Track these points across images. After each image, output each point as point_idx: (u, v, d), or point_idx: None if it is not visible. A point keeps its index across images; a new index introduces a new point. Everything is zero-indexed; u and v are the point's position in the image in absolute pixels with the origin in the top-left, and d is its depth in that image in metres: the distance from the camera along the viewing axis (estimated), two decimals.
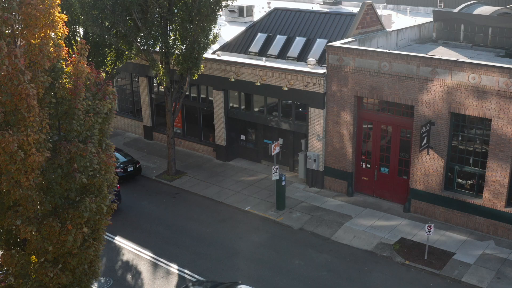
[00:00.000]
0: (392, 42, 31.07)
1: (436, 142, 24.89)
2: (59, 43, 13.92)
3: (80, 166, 13.34)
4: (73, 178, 13.28)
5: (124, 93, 38.33)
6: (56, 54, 13.36)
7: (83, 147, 13.24)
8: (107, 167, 14.11)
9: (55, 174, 13.31)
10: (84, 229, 13.75)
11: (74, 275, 14.42)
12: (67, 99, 13.37)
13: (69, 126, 13.40)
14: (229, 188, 29.86)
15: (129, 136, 37.98)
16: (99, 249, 14.71)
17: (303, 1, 50.76)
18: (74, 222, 13.59)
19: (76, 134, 13.53)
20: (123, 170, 30.54)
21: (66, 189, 13.54)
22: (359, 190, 28.54)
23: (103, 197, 14.09)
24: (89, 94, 14.09)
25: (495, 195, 23.90)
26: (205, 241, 24.95)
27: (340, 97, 27.22)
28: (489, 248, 23.56)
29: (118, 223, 26.63)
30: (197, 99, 33.72)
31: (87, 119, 13.63)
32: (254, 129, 32.41)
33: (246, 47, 32.86)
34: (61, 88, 13.32)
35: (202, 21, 27.42)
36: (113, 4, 26.28)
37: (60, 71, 13.50)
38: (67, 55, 14.09)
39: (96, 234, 14.61)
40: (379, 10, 41.80)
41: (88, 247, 14.19)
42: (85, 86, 13.93)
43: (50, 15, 12.89)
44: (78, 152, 13.14)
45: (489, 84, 22.85)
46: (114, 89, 15.00)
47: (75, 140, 13.27)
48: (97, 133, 14.05)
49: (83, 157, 13.29)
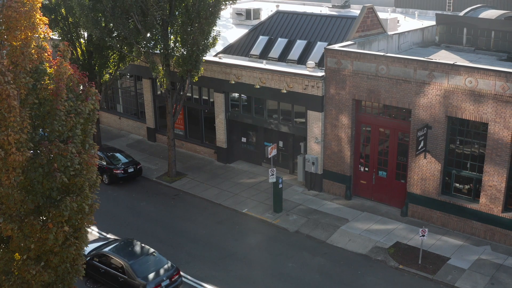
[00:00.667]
0: (393, 46, 30.96)
1: (433, 146, 24.75)
2: (42, 45, 14.12)
3: (61, 166, 13.51)
4: (54, 178, 13.45)
5: (129, 95, 38.62)
6: (37, 56, 13.54)
7: (64, 147, 13.41)
8: (89, 167, 14.26)
9: (36, 173, 13.48)
10: (65, 227, 13.92)
11: (56, 273, 14.58)
12: (49, 100, 13.55)
13: (50, 126, 13.57)
14: (228, 190, 29.94)
15: (133, 137, 38.23)
16: (82, 248, 14.86)
17: (312, 4, 50.81)
18: (55, 221, 13.77)
19: (58, 134, 13.70)
20: (124, 171, 30.78)
21: (47, 188, 13.71)
22: (358, 193, 28.45)
23: (84, 197, 14.24)
24: (72, 95, 14.25)
25: (492, 200, 23.69)
26: (200, 242, 25.04)
27: (339, 100, 27.19)
28: (485, 253, 23.35)
29: (115, 223, 26.91)
30: (199, 101, 33.87)
31: (69, 120, 13.80)
32: (254, 132, 32.47)
33: (248, 50, 32.95)
34: (43, 89, 13.50)
35: (201, 24, 27.54)
36: (112, 6, 26.53)
37: (42, 72, 13.69)
38: (50, 57, 14.27)
39: (79, 233, 14.76)
40: (386, 13, 41.74)
41: (69, 246, 14.35)
42: (68, 87, 14.10)
43: (31, 18, 13.11)
44: (58, 152, 13.31)
45: (485, 88, 22.68)
46: (96, 90, 15.08)
47: (55, 140, 13.44)
48: (79, 133, 14.22)
49: (64, 157, 13.45)
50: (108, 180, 30.98)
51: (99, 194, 29.53)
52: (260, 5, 50.08)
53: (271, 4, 50.86)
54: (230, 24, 43.62)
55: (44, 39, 14.18)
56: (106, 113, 40.20)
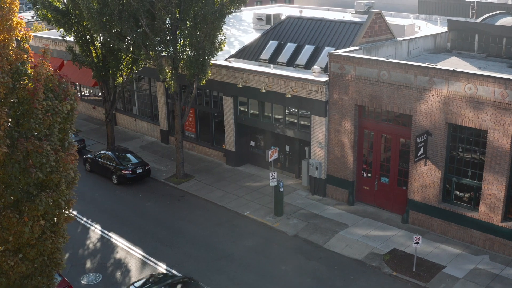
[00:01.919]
0: (402, 52, 30.76)
1: (433, 153, 24.51)
2: (25, 46, 14.68)
3: (37, 162, 13.98)
4: (30, 173, 13.94)
5: (144, 97, 39.31)
6: (15, 57, 14.07)
7: (39, 144, 13.88)
8: (65, 165, 14.71)
9: (13, 168, 13.99)
10: (41, 221, 14.39)
11: (34, 265, 15.06)
12: (27, 99, 14.06)
13: (27, 124, 14.08)
14: (233, 193, 30.18)
15: (147, 139, 38.89)
16: (58, 242, 15.30)
17: (337, 10, 50.88)
18: (30, 215, 14.25)
19: (35, 132, 14.19)
20: (132, 172, 31.35)
21: (25, 183, 14.21)
22: (360, 199, 28.33)
23: (60, 193, 14.68)
24: (52, 95, 14.74)
25: (491, 208, 23.31)
26: (198, 243, 25.34)
27: (342, 105, 27.17)
28: (482, 263, 22.96)
29: (118, 222, 27.47)
30: (209, 104, 34.27)
31: (46, 118, 14.27)
32: (262, 136, 32.66)
33: (258, 54, 33.22)
34: (21, 89, 14.02)
35: (208, 29, 27.92)
36: (119, 10, 27.15)
37: (22, 73, 14.22)
38: (32, 58, 14.81)
39: (56, 227, 15.22)
40: (404, 19, 41.49)
41: (45, 239, 14.82)
42: (47, 87, 14.59)
43: (8, 20, 13.66)
44: (34, 149, 13.79)
45: (485, 94, 22.38)
46: (75, 90, 15.55)
47: (31, 138, 13.93)
48: (57, 132, 14.67)
49: (39, 154, 13.92)
50: (117, 181, 31.59)
51: (107, 194, 30.70)
52: (284, 10, 50.41)
53: (295, 9, 51.16)
54: (251, 29, 44.08)
55: (26, 41, 14.71)
56: (122, 114, 41.02)
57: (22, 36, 14.74)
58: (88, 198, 30.20)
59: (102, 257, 24.55)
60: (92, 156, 33.27)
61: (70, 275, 22.68)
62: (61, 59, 42.36)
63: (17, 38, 14.60)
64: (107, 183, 32.02)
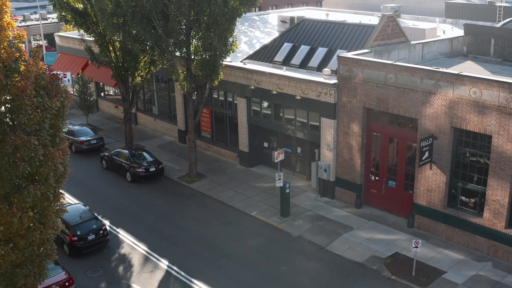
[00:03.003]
0: (416, 55, 30.51)
1: (438, 157, 24.29)
2: (18, 46, 15.32)
3: (25, 156, 14.57)
4: (18, 166, 14.52)
5: (162, 98, 39.99)
6: (7, 56, 14.68)
7: (27, 138, 14.45)
8: (53, 159, 15.25)
9: (3, 161, 14.60)
10: (29, 213, 14.97)
11: (24, 254, 15.66)
12: (18, 95, 14.66)
13: (17, 119, 14.68)
14: (243, 193, 30.47)
15: (165, 139, 39.54)
16: (47, 233, 15.85)
17: (364, 13, 50.68)
18: (19, 206, 14.84)
19: (24, 127, 14.79)
20: (145, 170, 31.96)
21: (14, 176, 14.81)
22: (368, 202, 28.24)
23: (48, 186, 15.23)
24: (44, 92, 15.33)
25: (495, 215, 22.97)
26: (202, 242, 25.69)
27: (350, 108, 27.17)
28: (485, 269, 22.64)
29: (127, 218, 28.08)
30: (224, 105, 34.67)
31: (36, 114, 14.84)
32: (275, 137, 32.86)
33: (272, 56, 33.46)
34: (12, 86, 14.64)
35: (219, 30, 28.29)
36: (132, 11, 27.76)
37: (15, 70, 14.84)
38: (25, 57, 15.43)
39: (45, 219, 15.78)
40: (431, 23, 41.07)
41: (34, 230, 15.40)
42: (39, 85, 15.19)
43: None
44: (22, 143, 14.37)
45: (489, 99, 22.09)
46: (66, 88, 16.10)
47: (19, 132, 14.52)
48: (47, 127, 15.24)
49: (27, 148, 14.50)
50: (131, 178, 32.26)
51: (120, 191, 31.42)
52: (309, 13, 50.48)
53: (321, 12, 51.21)
54: (275, 31, 44.29)
55: (20, 41, 15.34)
56: (143, 114, 41.81)
57: (16, 36, 15.35)
58: (101, 194, 30.95)
59: (107, 251, 25.15)
60: (108, 154, 34.05)
61: (72, 269, 23.28)
62: (85, 59, 43.43)
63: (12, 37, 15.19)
64: (121, 180, 32.72)
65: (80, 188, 31.48)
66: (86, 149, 36.87)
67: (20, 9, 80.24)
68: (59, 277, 20.91)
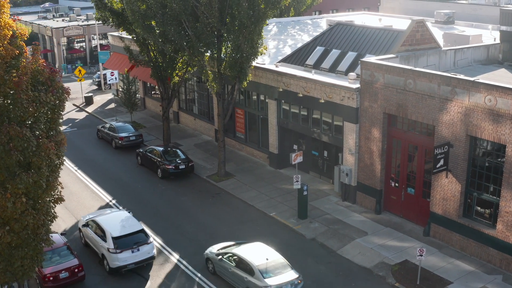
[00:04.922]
0: (447, 62, 29.88)
1: (454, 166, 23.81)
2: (20, 44, 16.51)
3: (18, 146, 15.69)
4: (11, 155, 15.67)
5: (202, 98, 40.99)
6: (6, 53, 15.84)
7: (20, 130, 15.57)
8: (45, 150, 16.31)
9: None
10: (23, 199, 16.09)
11: (19, 237, 16.82)
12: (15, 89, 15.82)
13: (13, 112, 15.84)
14: (266, 193, 30.88)
15: (203, 138, 40.52)
16: (40, 219, 16.94)
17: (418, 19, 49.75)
18: (13, 192, 15.98)
19: (20, 119, 15.93)
20: (175, 167, 32.99)
21: (9, 164, 15.98)
22: (388, 209, 27.96)
23: (41, 174, 16.31)
24: (42, 87, 16.44)
25: (509, 227, 22.27)
26: (216, 239, 26.26)
27: (371, 113, 27.05)
28: (494, 283, 22.00)
29: (150, 212, 29.15)
30: (257, 107, 35.19)
31: (31, 108, 15.96)
32: (304, 140, 33.06)
33: (304, 60, 33.68)
34: (10, 81, 15.81)
35: (246, 33, 28.85)
36: (163, 13, 28.80)
37: (14, 66, 16.02)
38: (26, 54, 16.60)
39: (39, 205, 16.88)
40: (485, 30, 40.00)
41: (27, 215, 16.52)
42: (38, 80, 16.31)
43: None
44: (15, 134, 15.50)
45: (504, 107, 21.50)
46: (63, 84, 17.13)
47: (13, 123, 15.66)
48: (43, 121, 16.33)
49: (20, 139, 15.61)
50: (161, 175, 33.38)
51: (149, 186, 32.65)
52: (360, 18, 50.22)
53: (374, 17, 50.84)
54: None
55: (21, 39, 16.53)
56: (184, 113, 43.00)
57: (18, 34, 16.53)
58: (130, 188, 32.23)
59: None
60: (143, 151, 35.35)
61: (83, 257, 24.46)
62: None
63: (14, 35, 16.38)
64: (152, 176, 33.92)
65: (112, 181, 32.94)
66: (125, 145, 38.39)
67: (84, 8, 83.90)
68: (70, 263, 22.05)
